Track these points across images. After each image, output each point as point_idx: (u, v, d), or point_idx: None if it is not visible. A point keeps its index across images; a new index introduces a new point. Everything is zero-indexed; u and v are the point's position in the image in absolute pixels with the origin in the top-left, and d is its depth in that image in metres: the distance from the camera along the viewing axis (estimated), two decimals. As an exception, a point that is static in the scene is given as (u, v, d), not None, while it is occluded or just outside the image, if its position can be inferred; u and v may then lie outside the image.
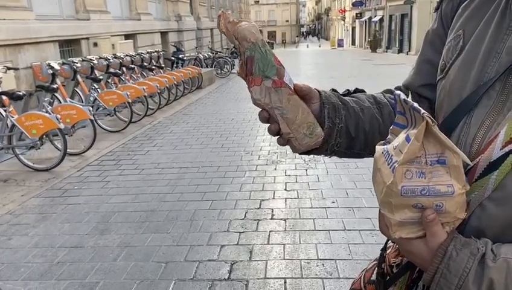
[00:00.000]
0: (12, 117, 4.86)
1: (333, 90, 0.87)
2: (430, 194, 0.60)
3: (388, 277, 0.81)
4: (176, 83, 9.21)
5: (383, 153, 0.64)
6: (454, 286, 0.58)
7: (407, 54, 24.61)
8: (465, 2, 0.77)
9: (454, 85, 0.72)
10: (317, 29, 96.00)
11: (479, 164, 0.62)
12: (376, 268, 0.87)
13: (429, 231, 0.61)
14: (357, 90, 0.91)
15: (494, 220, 0.60)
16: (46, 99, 5.68)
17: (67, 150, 5.01)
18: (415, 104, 0.59)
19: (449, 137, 0.67)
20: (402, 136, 0.62)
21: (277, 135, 0.80)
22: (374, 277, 0.88)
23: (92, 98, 6.89)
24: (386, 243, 0.83)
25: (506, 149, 0.59)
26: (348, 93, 0.89)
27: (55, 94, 6.12)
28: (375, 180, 0.65)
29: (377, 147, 0.67)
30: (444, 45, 0.80)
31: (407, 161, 0.59)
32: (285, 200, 3.83)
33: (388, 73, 14.92)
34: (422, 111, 0.57)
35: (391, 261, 0.83)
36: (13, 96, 4.83)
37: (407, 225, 0.63)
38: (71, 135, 5.47)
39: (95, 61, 7.57)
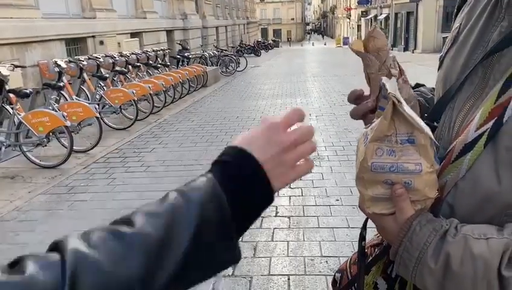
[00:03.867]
0: (19, 115, 4.91)
1: None
2: (399, 171, 0.62)
3: (370, 258, 0.85)
4: (181, 81, 9.24)
5: (363, 134, 0.67)
6: (414, 259, 0.61)
7: (412, 52, 24.45)
8: None
9: (445, 74, 0.76)
10: (323, 27, 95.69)
11: (455, 146, 0.65)
12: (369, 247, 0.91)
13: (397, 206, 0.64)
14: (418, 85, 0.98)
15: (466, 199, 0.63)
16: (52, 97, 5.73)
17: (74, 148, 5.05)
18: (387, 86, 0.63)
19: (437, 122, 0.72)
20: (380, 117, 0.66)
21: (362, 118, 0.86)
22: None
23: (98, 96, 6.94)
24: (366, 222, 0.86)
25: (480, 131, 0.61)
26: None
27: (62, 92, 6.16)
28: (356, 159, 0.68)
29: (362, 129, 0.71)
30: None
31: (376, 139, 0.63)
32: (290, 198, 3.84)
33: (394, 71, 14.83)
34: (389, 91, 0.60)
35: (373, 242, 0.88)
36: (20, 94, 4.87)
37: (381, 201, 0.66)
38: (77, 133, 5.51)
39: (101, 60, 7.61)
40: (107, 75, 7.35)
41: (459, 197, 0.64)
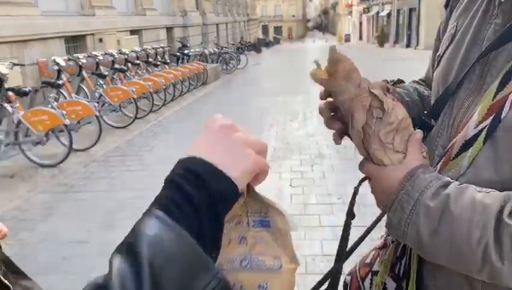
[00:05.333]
0: (19, 113, 4.88)
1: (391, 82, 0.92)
2: (253, 267, 0.47)
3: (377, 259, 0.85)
4: (181, 78, 9.21)
5: None
6: (413, 201, 0.61)
7: (415, 48, 24.37)
8: None
9: (443, 73, 0.77)
10: (324, 24, 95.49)
11: (455, 143, 0.65)
12: (373, 252, 0.90)
13: None
14: (399, 81, 0.97)
15: None
16: (51, 95, 5.71)
17: (73, 146, 5.03)
18: None
19: (435, 121, 0.72)
20: None
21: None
22: (368, 261, 0.91)
23: (97, 94, 6.91)
24: (361, 182, 0.79)
25: (479, 128, 0.61)
26: (393, 83, 0.94)
27: (61, 90, 6.14)
28: None
29: None
30: None
31: (226, 221, 0.45)
32: (291, 196, 3.81)
33: (397, 68, 14.79)
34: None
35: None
36: (19, 92, 4.85)
37: None
38: (77, 131, 5.49)
39: (101, 57, 7.57)
40: (107, 73, 7.32)
41: None
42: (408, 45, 26.23)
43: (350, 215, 0.78)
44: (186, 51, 12.30)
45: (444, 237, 0.58)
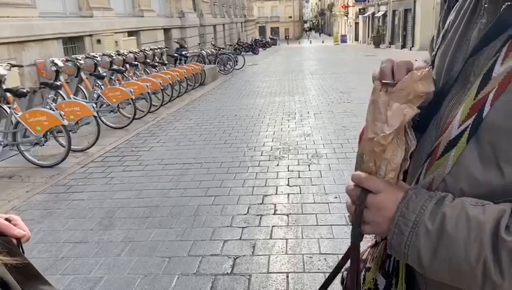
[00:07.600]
0: (17, 114, 4.89)
1: None
2: None
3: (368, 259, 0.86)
4: (178, 79, 9.23)
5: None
6: (411, 223, 0.61)
7: (410, 49, 24.43)
8: None
9: (436, 72, 0.77)
10: (320, 25, 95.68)
11: (441, 143, 0.66)
12: (368, 248, 0.91)
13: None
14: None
15: (453, 193, 0.63)
16: (50, 96, 5.72)
17: (71, 147, 5.04)
18: None
19: (429, 122, 0.73)
20: None
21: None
22: (363, 256, 0.91)
23: (95, 95, 6.92)
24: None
25: (462, 127, 0.62)
26: None
27: (59, 91, 6.15)
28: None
29: None
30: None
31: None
32: (288, 196, 3.84)
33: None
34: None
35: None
36: (17, 93, 4.86)
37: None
38: (75, 132, 5.50)
39: (99, 58, 7.59)
40: (105, 74, 7.33)
41: (446, 191, 0.64)
42: (403, 46, 26.29)
43: (358, 237, 0.72)
44: (183, 52, 12.32)
45: (443, 257, 0.58)
